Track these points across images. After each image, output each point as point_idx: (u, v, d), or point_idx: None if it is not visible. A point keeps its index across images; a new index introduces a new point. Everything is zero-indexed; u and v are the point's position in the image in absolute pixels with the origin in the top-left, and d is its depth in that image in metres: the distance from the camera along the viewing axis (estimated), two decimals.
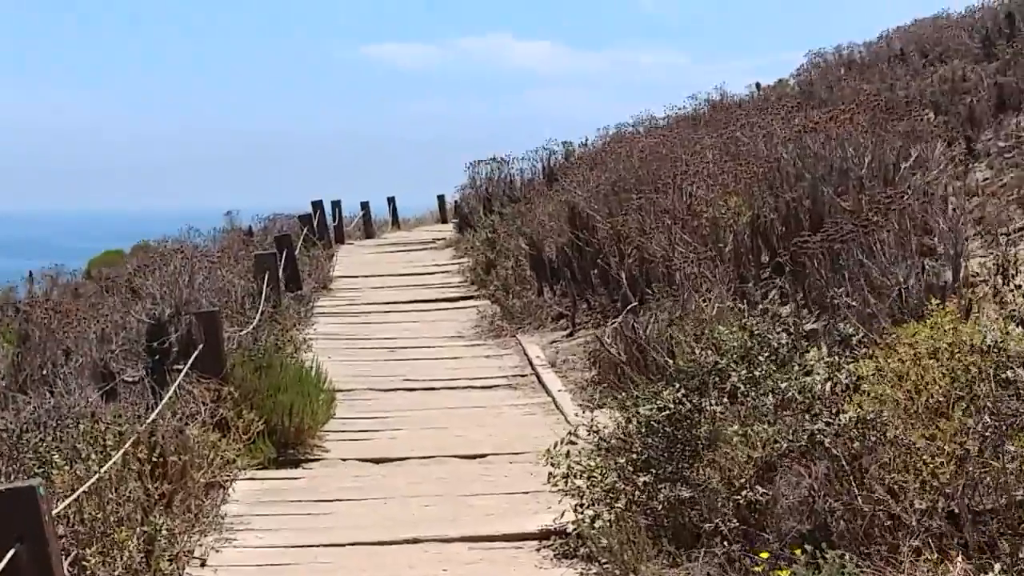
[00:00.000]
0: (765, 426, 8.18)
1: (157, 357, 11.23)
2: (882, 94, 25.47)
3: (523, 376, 15.09)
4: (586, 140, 30.90)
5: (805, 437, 7.76)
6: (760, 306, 10.68)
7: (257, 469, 10.86)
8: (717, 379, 8.70)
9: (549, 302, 18.42)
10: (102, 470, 7.77)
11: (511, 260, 21.28)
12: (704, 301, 11.56)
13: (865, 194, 13.62)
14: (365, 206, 38.80)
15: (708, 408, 8.62)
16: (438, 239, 32.89)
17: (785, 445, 8.01)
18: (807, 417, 8.00)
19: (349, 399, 13.99)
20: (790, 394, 8.29)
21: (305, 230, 27.30)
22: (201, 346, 10.94)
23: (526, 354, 16.14)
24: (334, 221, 34.62)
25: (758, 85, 37.52)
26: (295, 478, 10.94)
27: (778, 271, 14.00)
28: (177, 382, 10.14)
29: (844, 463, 7.48)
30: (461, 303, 21.82)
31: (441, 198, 43.68)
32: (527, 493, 10.13)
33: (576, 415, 11.99)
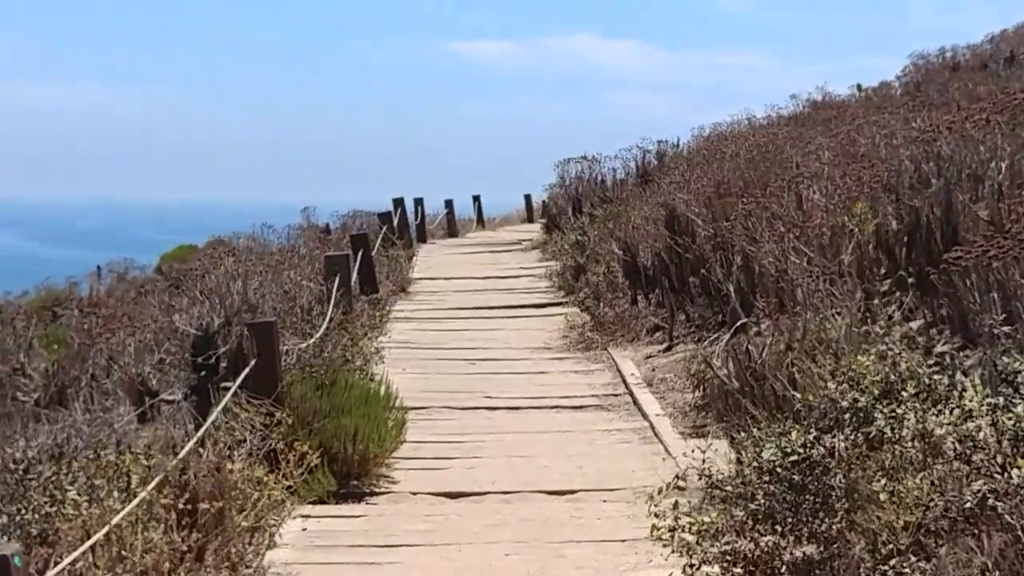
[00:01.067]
0: (918, 480, 6.73)
1: (203, 373, 9.90)
2: (996, 96, 23.99)
3: (616, 396, 13.65)
4: (678, 141, 29.48)
5: (973, 499, 6.31)
6: (897, 329, 9.18)
7: (314, 504, 9.50)
8: (855, 419, 7.24)
9: (644, 312, 16.97)
10: (114, 520, 6.43)
11: (602, 265, 19.85)
12: (825, 320, 10.09)
13: (1005, 203, 12.11)
14: (449, 204, 37.55)
15: (844, 453, 7.19)
16: (524, 240, 31.58)
17: (941, 505, 6.57)
18: (970, 472, 6.56)
19: (423, 418, 12.64)
20: (948, 443, 6.83)
21: (384, 228, 25.96)
22: (253, 361, 9.60)
23: (619, 370, 14.71)
24: (416, 219, 33.35)
25: (859, 86, 36.23)
26: (357, 516, 9.54)
27: (901, 287, 12.48)
28: (221, 405, 8.79)
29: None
30: (548, 310, 20.43)
31: (528, 197, 42.51)
32: (624, 542, 8.73)
33: (681, 452, 10.59)
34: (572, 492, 10.09)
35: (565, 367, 15.52)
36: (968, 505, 6.38)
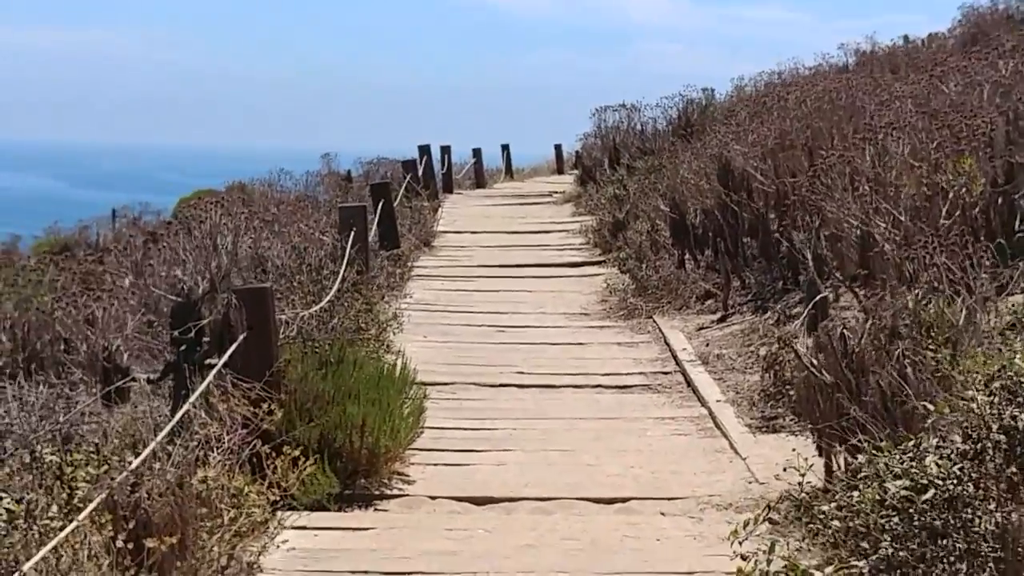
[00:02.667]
0: None
1: (183, 348, 8.20)
2: None
3: (666, 374, 11.93)
4: (713, 92, 27.64)
5: None
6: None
7: (312, 510, 7.79)
8: (1017, 444, 5.50)
9: (693, 277, 15.22)
10: (28, 564, 4.75)
11: (645, 222, 18.10)
12: (931, 298, 8.33)
13: None
14: (477, 153, 35.77)
15: (994, 490, 5.50)
16: (556, 192, 29.82)
17: None
18: None
19: (445, 397, 10.98)
20: None
21: (408, 177, 24.20)
22: (242, 336, 7.90)
23: (668, 343, 13.00)
24: (442, 168, 31.59)
25: (906, 38, 34.49)
26: (362, 529, 7.80)
27: (1000, 255, 10.74)
28: (198, 392, 7.08)
29: None
30: (584, 270, 18.75)
31: (558, 147, 40.87)
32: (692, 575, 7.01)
33: (752, 451, 8.94)
34: (623, 500, 8.37)
35: (606, 337, 13.80)
36: None
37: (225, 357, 7.90)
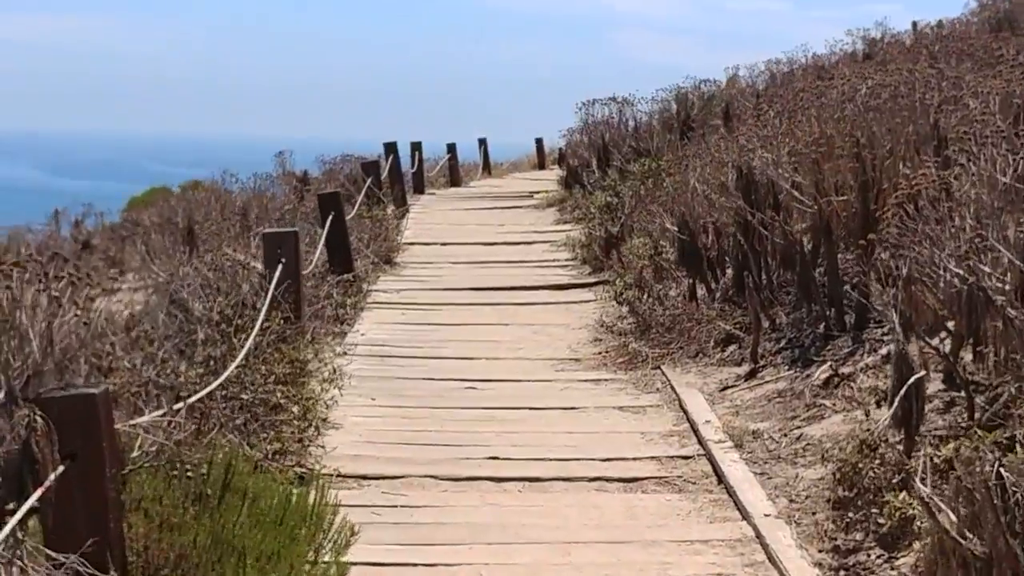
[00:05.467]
0: None
1: None
2: None
3: (686, 459, 8.97)
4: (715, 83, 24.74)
5: None
6: None
7: None
8: None
9: (708, 314, 12.30)
10: None
11: (645, 240, 15.20)
12: None
13: None
14: (451, 149, 32.88)
15: None
16: (536, 192, 26.94)
17: None
18: None
19: (390, 503, 8.09)
20: None
21: (369, 181, 21.16)
22: (52, 476, 5.00)
23: (684, 410, 10.08)
24: (413, 166, 28.67)
25: (915, 25, 31.91)
26: None
27: None
28: None
29: None
30: (572, 294, 15.88)
31: (539, 141, 38.31)
32: None
33: None
34: None
35: (604, 398, 10.83)
36: None
37: (26, 507, 4.98)
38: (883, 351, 9.78)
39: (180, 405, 6.40)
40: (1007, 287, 6.92)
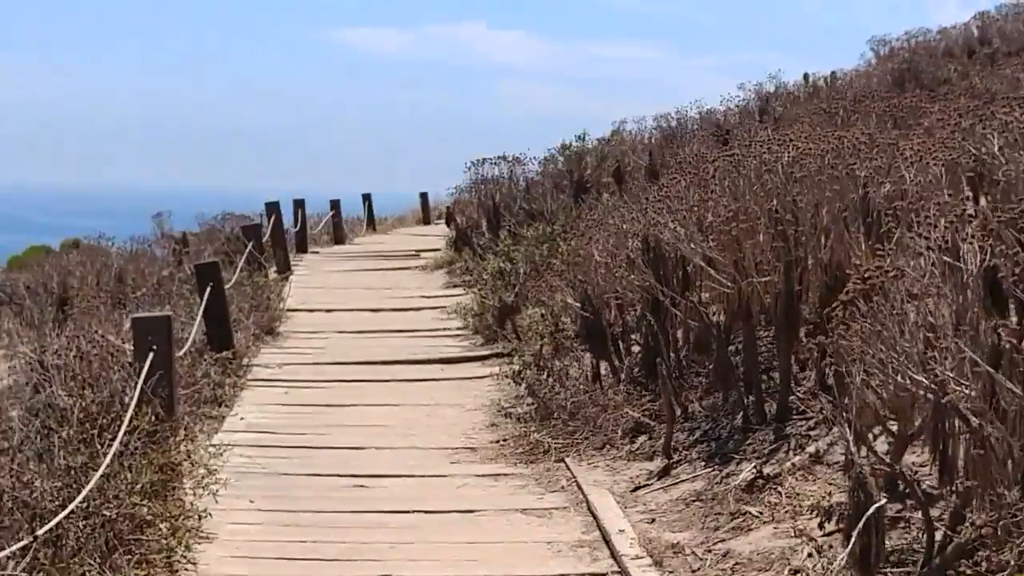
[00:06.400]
0: None
1: None
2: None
3: None
4: (586, 137, 24.04)
5: None
6: None
7: None
8: None
9: (615, 399, 11.45)
10: None
11: (542, 311, 14.38)
12: None
13: None
14: (335, 205, 32.03)
15: None
16: (423, 251, 26.17)
17: None
18: None
19: None
20: None
21: (251, 245, 20.16)
22: None
23: (594, 515, 9.18)
24: (296, 224, 27.74)
25: (806, 77, 31.48)
26: None
27: None
28: None
29: None
30: (465, 368, 14.99)
31: (424, 195, 37.65)
32: None
33: None
34: None
35: (505, 497, 9.90)
36: None
37: None
38: (810, 449, 9.02)
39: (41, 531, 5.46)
40: (974, 396, 6.10)
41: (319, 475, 10.46)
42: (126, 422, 8.35)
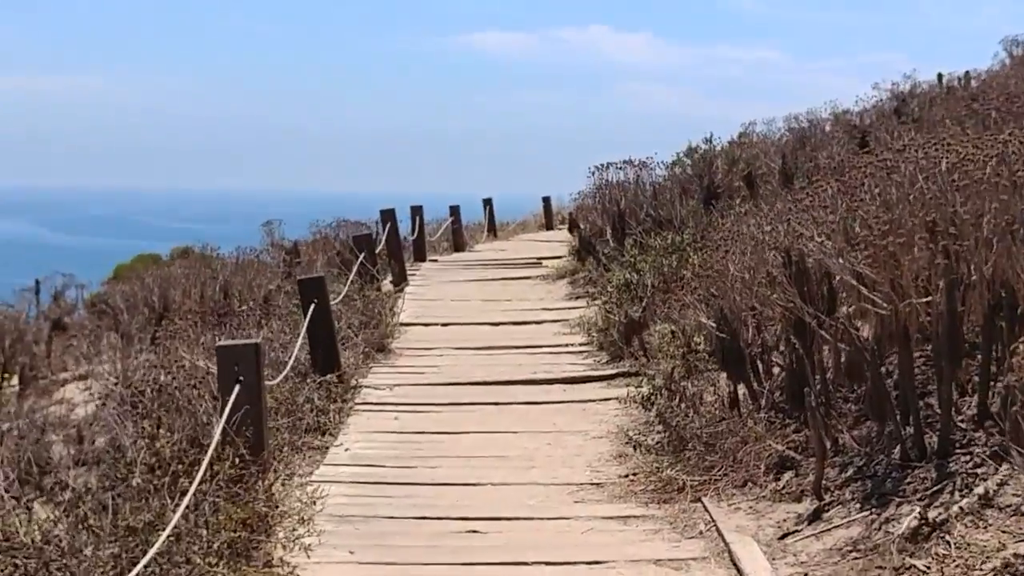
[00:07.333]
0: None
1: None
2: None
3: None
4: (713, 139, 22.87)
5: None
6: None
7: None
8: None
9: (755, 429, 10.31)
10: None
11: (672, 326, 13.27)
12: None
13: None
14: (455, 211, 31.10)
15: None
16: (546, 259, 25.15)
17: None
18: None
19: None
20: None
21: (362, 256, 19.20)
22: None
23: (738, 568, 8.06)
24: (413, 232, 26.81)
25: (940, 76, 30.33)
26: None
27: None
28: None
29: None
30: (589, 390, 13.88)
31: (547, 200, 36.65)
32: None
33: None
34: None
35: (635, 545, 8.78)
36: None
37: None
38: (979, 489, 7.86)
39: None
40: None
41: (427, 518, 9.41)
42: (202, 468, 7.37)
